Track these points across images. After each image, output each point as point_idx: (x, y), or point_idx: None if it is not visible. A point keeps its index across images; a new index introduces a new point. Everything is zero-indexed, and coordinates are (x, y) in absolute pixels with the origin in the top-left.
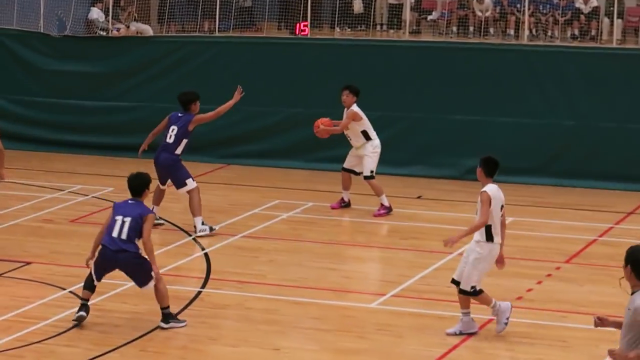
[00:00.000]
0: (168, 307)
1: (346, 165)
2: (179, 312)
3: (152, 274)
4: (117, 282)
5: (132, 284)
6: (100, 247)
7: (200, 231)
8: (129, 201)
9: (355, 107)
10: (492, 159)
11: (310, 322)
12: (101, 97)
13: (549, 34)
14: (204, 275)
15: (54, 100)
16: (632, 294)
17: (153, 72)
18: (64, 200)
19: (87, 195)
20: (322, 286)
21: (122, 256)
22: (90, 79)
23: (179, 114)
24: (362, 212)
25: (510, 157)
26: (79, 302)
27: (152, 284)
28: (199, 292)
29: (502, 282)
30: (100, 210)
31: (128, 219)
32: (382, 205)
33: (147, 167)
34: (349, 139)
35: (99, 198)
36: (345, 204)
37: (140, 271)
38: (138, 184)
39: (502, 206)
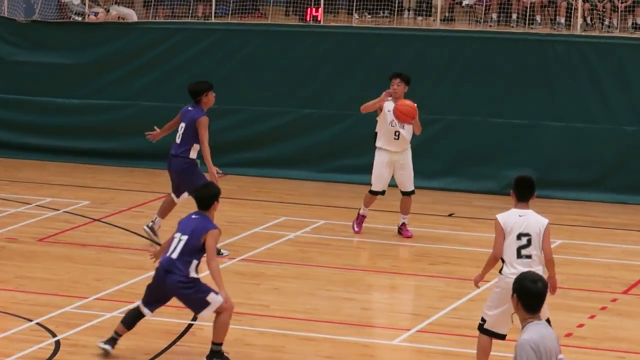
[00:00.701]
0: (221, 344)
1: (381, 187)
2: (167, 349)
3: (208, 299)
4: (93, 312)
5: (110, 314)
6: None
7: None
8: (192, 215)
9: None
10: (524, 179)
11: None
12: (77, 94)
13: (607, 23)
14: None
15: (20, 97)
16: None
17: (137, 64)
18: (31, 216)
19: (58, 210)
20: (337, 319)
21: (168, 279)
22: (64, 73)
23: (189, 108)
24: (384, 232)
25: (561, 168)
26: (47, 335)
27: (208, 311)
28: (190, 325)
29: (549, 315)
30: (73, 227)
31: (185, 237)
32: (404, 225)
33: (138, 175)
34: (395, 138)
35: (72, 213)
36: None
37: (190, 297)
38: (204, 194)
39: (524, 234)
